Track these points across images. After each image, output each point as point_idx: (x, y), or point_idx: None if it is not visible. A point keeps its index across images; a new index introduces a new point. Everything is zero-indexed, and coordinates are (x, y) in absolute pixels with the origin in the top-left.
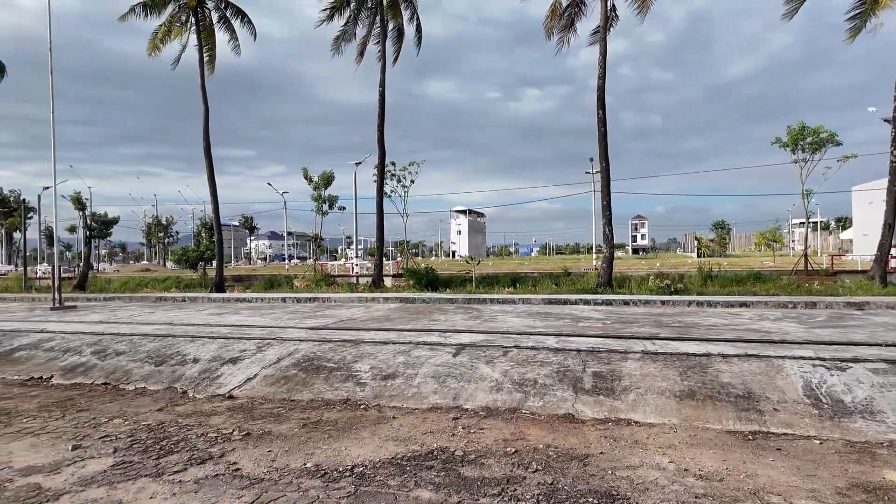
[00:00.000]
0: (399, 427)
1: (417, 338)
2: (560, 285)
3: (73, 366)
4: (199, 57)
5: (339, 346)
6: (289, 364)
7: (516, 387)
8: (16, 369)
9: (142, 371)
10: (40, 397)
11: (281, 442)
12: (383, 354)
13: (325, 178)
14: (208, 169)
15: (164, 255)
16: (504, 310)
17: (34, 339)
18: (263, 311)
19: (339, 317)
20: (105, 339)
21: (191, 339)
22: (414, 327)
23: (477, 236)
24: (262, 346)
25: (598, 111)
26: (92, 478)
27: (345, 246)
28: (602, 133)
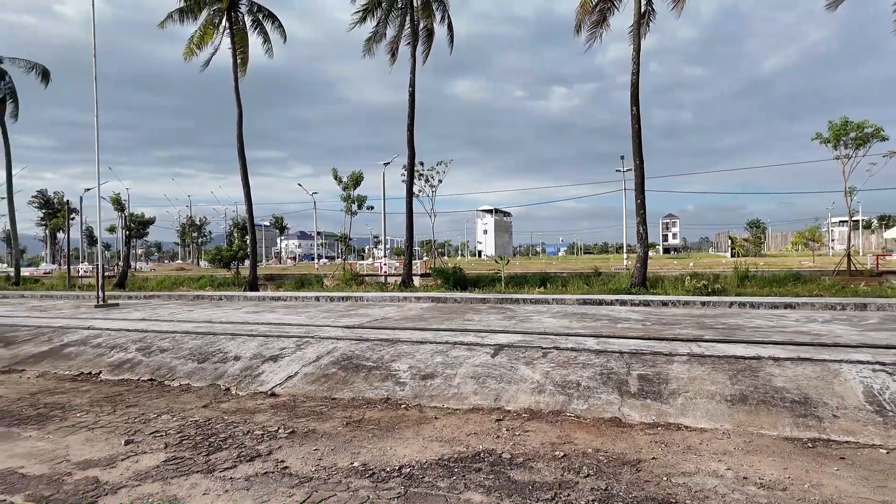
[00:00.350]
0: (442, 428)
1: (454, 338)
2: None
3: (120, 362)
4: (233, 60)
5: (376, 345)
6: (328, 362)
7: (559, 389)
8: (67, 364)
9: (185, 368)
10: (91, 392)
11: (326, 440)
12: (421, 354)
13: (354, 178)
14: (242, 170)
15: (197, 254)
16: (538, 310)
17: (82, 335)
18: (299, 309)
19: (372, 316)
20: (149, 337)
21: (231, 337)
22: (449, 327)
23: (503, 236)
24: (300, 344)
25: (632, 108)
26: (146, 472)
27: (372, 245)
28: (636, 130)
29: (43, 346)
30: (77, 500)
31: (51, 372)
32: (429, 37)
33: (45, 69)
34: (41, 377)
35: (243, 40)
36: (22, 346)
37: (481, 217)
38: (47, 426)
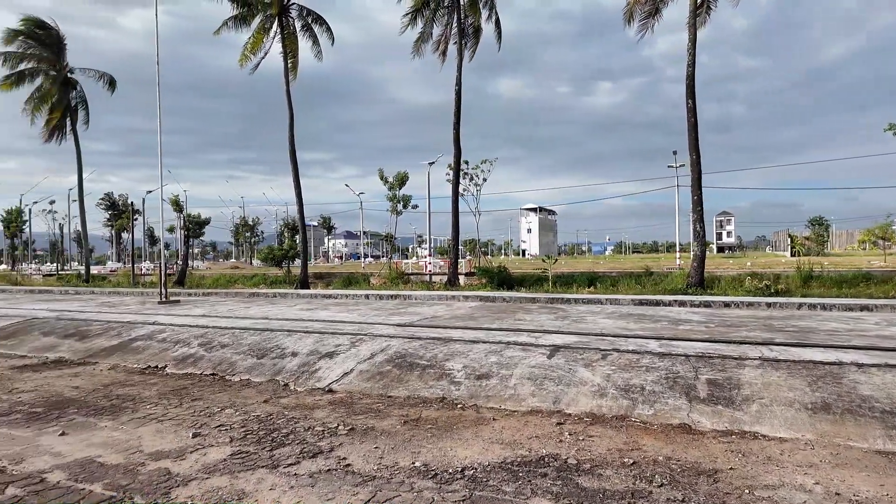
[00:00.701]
0: (501, 429)
1: (507, 337)
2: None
3: (184, 356)
4: (284, 64)
5: (429, 343)
6: (382, 360)
7: (622, 393)
8: (135, 358)
9: (245, 363)
10: (158, 385)
11: (385, 438)
12: (475, 353)
13: (400, 178)
14: (293, 172)
15: (250, 253)
16: (591, 310)
17: (148, 330)
18: (350, 307)
19: (422, 314)
20: (210, 332)
21: (288, 334)
22: (501, 326)
23: (548, 234)
24: (354, 341)
25: (688, 100)
26: (214, 466)
27: (416, 244)
28: (692, 123)
29: (113, 339)
30: (151, 489)
31: (121, 365)
32: (476, 34)
33: (112, 78)
34: (112, 369)
35: (293, 44)
36: (95, 340)
37: (525, 216)
38: (120, 417)
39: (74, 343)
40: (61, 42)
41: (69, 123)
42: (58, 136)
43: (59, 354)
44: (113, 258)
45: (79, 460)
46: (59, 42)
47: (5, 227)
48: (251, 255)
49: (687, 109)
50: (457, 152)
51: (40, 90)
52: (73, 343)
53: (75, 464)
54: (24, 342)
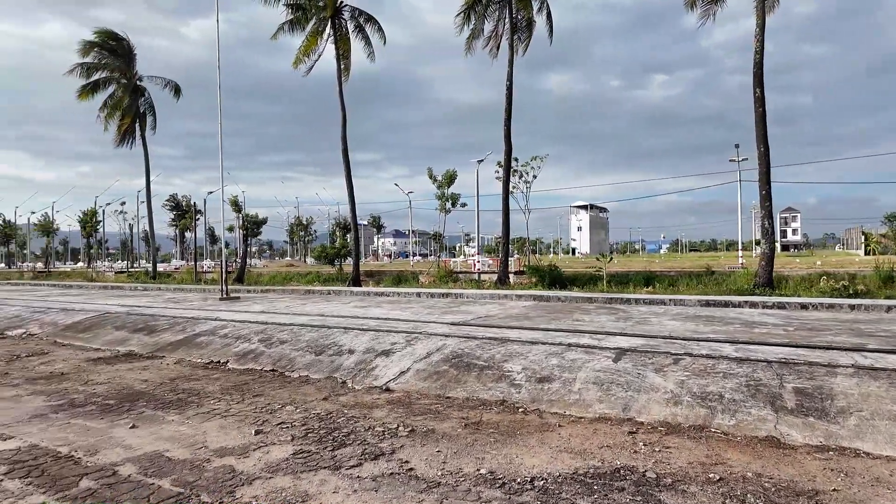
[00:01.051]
0: (569, 437)
1: (567, 339)
2: (705, 285)
3: (245, 352)
4: (337, 65)
5: (485, 343)
6: (439, 360)
7: (698, 400)
8: (199, 353)
9: (303, 360)
10: (221, 380)
11: (447, 442)
12: (534, 355)
13: (448, 176)
14: (346, 172)
15: (304, 251)
16: (654, 311)
17: (211, 326)
18: (402, 305)
19: (475, 313)
20: (269, 329)
21: (344, 331)
22: (558, 327)
23: (599, 232)
24: (410, 340)
25: (755, 89)
26: (277, 465)
27: (463, 243)
28: (760, 114)
29: (178, 335)
30: (217, 487)
31: (186, 359)
32: (528, 27)
33: (177, 85)
34: (178, 364)
35: (346, 46)
36: (161, 335)
37: (575, 213)
38: (186, 411)
39: (143, 337)
40: (131, 52)
41: (138, 129)
42: (128, 141)
43: (129, 348)
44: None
45: (148, 454)
46: (129, 52)
47: (82, 227)
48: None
49: (754, 99)
50: (507, 149)
51: (113, 98)
52: (142, 337)
53: (145, 457)
54: (99, 335)
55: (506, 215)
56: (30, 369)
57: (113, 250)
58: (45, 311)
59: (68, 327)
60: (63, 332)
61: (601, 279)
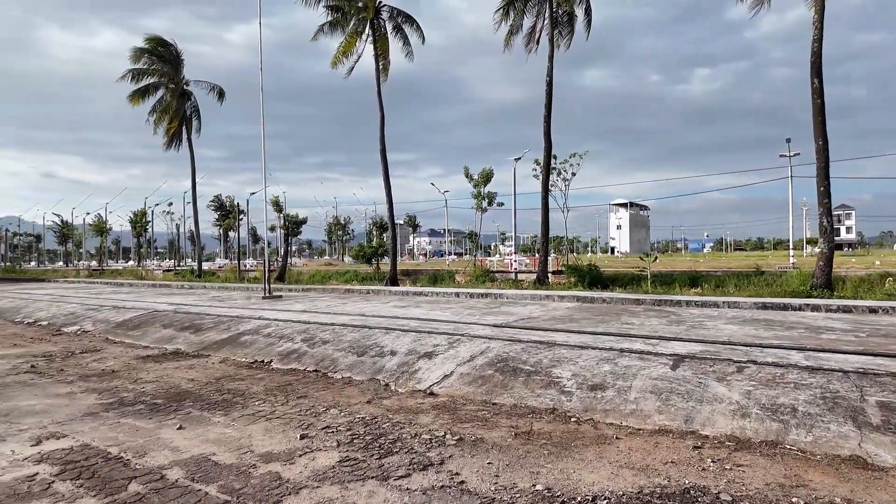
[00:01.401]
0: (628, 451)
1: (618, 343)
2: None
3: (288, 352)
4: (375, 66)
5: (531, 347)
6: (483, 363)
7: (769, 413)
8: (243, 352)
9: (346, 361)
10: (265, 380)
11: (498, 453)
12: (584, 361)
13: (485, 175)
14: (384, 171)
15: (342, 250)
16: (707, 314)
17: (254, 325)
18: (441, 305)
19: (517, 314)
20: (311, 328)
21: (385, 332)
22: (607, 330)
23: (639, 231)
24: (452, 342)
25: (813, 80)
26: (324, 473)
27: (499, 242)
28: (818, 106)
29: (223, 333)
30: (263, 496)
31: (230, 358)
32: (569, 21)
33: (221, 89)
34: (223, 363)
35: (384, 46)
36: (207, 334)
37: (615, 211)
38: (231, 412)
39: (189, 336)
40: (179, 57)
41: (185, 131)
42: (175, 144)
43: (176, 346)
44: (221, 255)
45: (195, 457)
46: (177, 58)
47: (132, 227)
48: (343, 253)
49: (812, 90)
50: (547, 146)
51: (161, 102)
52: (188, 336)
53: (192, 461)
54: (148, 333)
55: (545, 214)
56: (83, 366)
57: (161, 249)
58: (98, 309)
59: (119, 325)
60: (114, 329)
61: (645, 279)
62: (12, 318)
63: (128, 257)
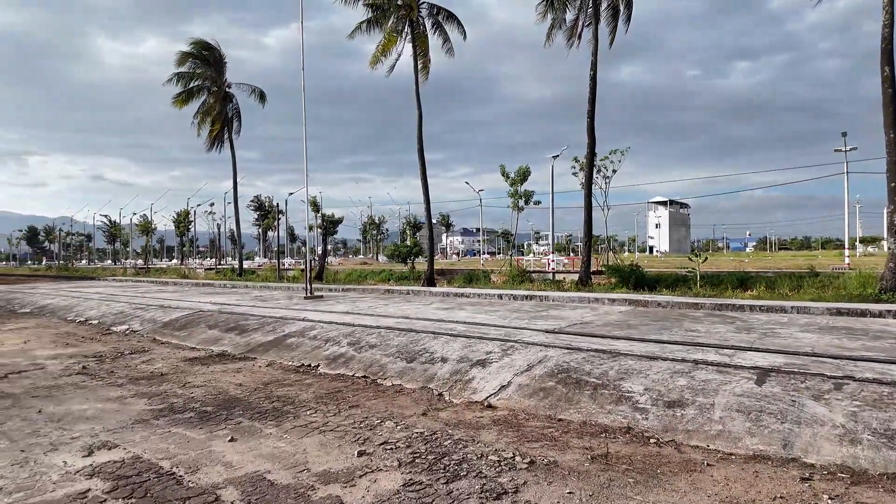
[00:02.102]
0: (725, 482)
1: (689, 354)
2: (815, 288)
3: (335, 356)
4: (414, 64)
5: (593, 356)
6: (543, 374)
7: (884, 440)
8: (289, 355)
9: (395, 367)
10: (313, 387)
11: (577, 480)
12: (655, 373)
13: (522, 173)
14: (421, 170)
15: (376, 249)
16: (775, 320)
17: (299, 326)
18: (485, 307)
19: (568, 319)
20: (357, 332)
21: (433, 336)
22: (672, 338)
23: (679, 229)
24: (506, 349)
25: (883, 68)
26: (388, 498)
27: (532, 241)
28: (889, 96)
29: (268, 335)
30: None
31: (277, 362)
32: (613, 16)
33: (262, 91)
34: (269, 366)
35: (424, 44)
36: (252, 335)
37: (654, 209)
38: (283, 423)
39: (235, 337)
40: (222, 61)
41: (226, 133)
42: (217, 146)
43: (222, 348)
44: (260, 254)
45: (249, 475)
46: (220, 61)
47: (175, 227)
48: (377, 252)
49: (882, 79)
50: (591, 143)
51: (205, 105)
52: (233, 337)
53: (246, 479)
54: (194, 334)
55: (588, 213)
56: (132, 367)
57: (202, 248)
58: (146, 308)
59: (166, 325)
60: (161, 329)
61: (692, 280)
62: (65, 316)
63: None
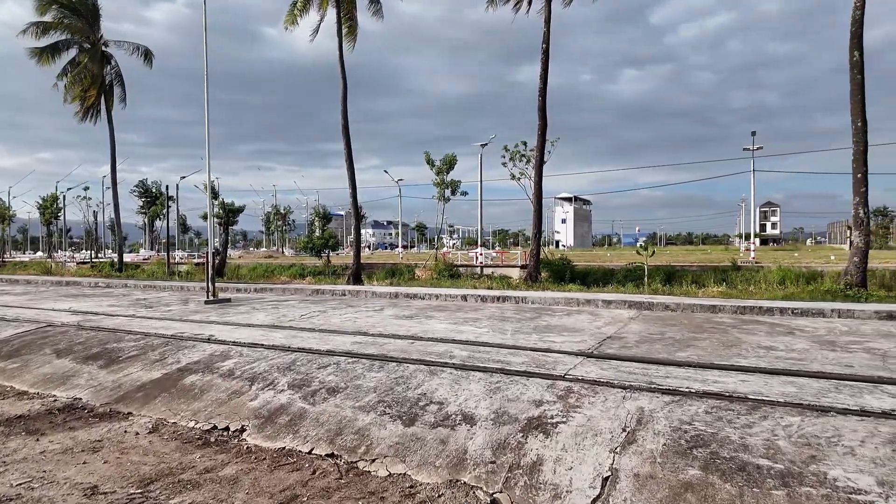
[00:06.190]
0: None
1: (852, 396)
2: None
3: (271, 410)
4: (338, 27)
5: (718, 409)
6: (662, 449)
7: None
8: (190, 408)
9: (384, 434)
10: (244, 486)
11: None
12: (855, 441)
13: (448, 161)
14: (346, 150)
15: (282, 242)
16: (834, 328)
17: (204, 352)
18: (457, 313)
19: (582, 331)
20: (300, 361)
21: (428, 368)
22: (772, 365)
23: (582, 225)
24: (560, 394)
25: (852, 53)
26: None
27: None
28: (858, 83)
29: (154, 368)
30: None
31: (168, 422)
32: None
33: (148, 50)
34: (154, 432)
35: (350, 4)
36: (127, 368)
37: (560, 205)
38: None
39: (98, 372)
40: (96, 11)
41: (104, 102)
42: (92, 116)
43: (73, 393)
44: (146, 246)
45: None
46: (93, 11)
47: (41, 214)
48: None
49: (851, 65)
50: (542, 124)
51: (74, 64)
52: (95, 372)
53: None
54: (30, 365)
55: (538, 202)
56: None
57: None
58: None
59: None
60: None
61: (638, 275)
62: None
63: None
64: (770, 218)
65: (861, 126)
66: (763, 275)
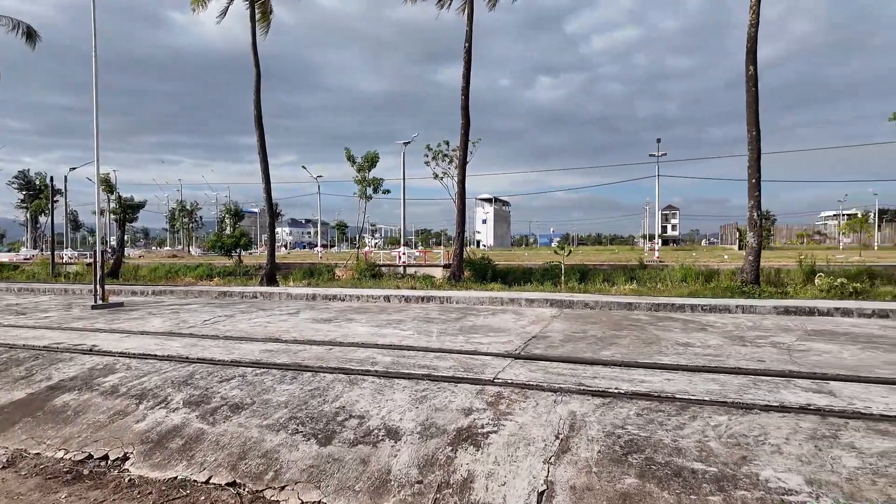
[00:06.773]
0: None
1: (770, 392)
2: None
3: (161, 433)
4: (251, 11)
5: (647, 411)
6: (598, 457)
7: None
8: (60, 434)
9: (296, 456)
10: None
11: None
12: (780, 439)
13: (370, 158)
14: (259, 141)
15: (188, 240)
16: (739, 323)
17: (83, 367)
18: (380, 315)
19: (506, 330)
20: (199, 373)
21: (348, 379)
22: (693, 362)
23: (502, 225)
24: (490, 401)
25: (748, 67)
26: None
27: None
28: (753, 94)
29: (18, 388)
30: None
31: (29, 453)
32: None
33: (30, 27)
34: (10, 467)
35: None
36: None
37: (481, 206)
38: None
39: None
40: None
41: None
42: None
43: None
44: (28, 244)
45: None
46: None
47: None
48: (189, 243)
49: (746, 78)
50: (465, 123)
51: None
52: None
53: None
54: None
55: (462, 200)
56: None
57: None
58: None
59: None
60: None
61: (560, 274)
62: None
63: None
64: (671, 220)
65: (755, 135)
66: (667, 273)
